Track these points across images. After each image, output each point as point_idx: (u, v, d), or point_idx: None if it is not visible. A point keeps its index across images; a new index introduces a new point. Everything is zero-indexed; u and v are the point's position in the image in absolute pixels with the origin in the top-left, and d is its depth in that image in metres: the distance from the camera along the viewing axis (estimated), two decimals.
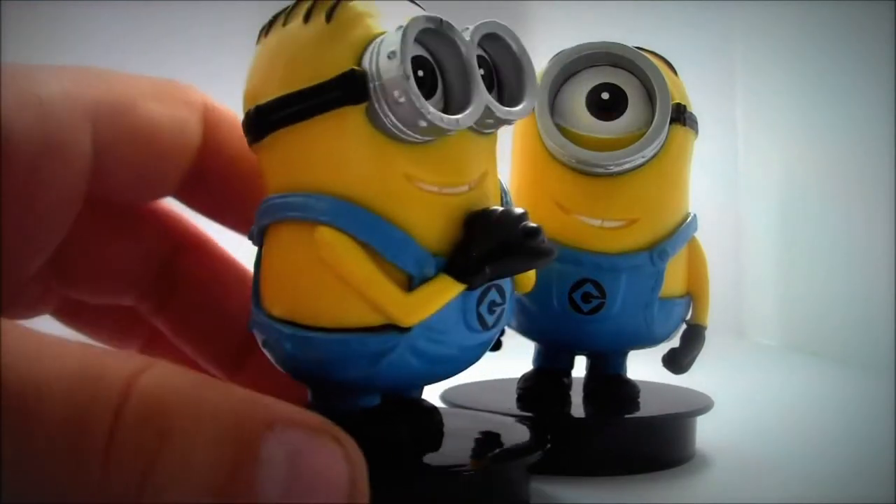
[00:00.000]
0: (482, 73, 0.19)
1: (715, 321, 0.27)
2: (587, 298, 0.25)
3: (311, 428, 0.15)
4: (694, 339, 0.27)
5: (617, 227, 0.25)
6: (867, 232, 0.46)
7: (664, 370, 0.27)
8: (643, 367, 0.28)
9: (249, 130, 0.20)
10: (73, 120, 0.19)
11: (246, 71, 0.20)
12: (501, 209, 0.19)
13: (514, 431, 0.22)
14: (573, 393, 0.28)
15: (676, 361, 0.27)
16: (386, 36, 0.18)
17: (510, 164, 0.27)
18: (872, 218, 0.46)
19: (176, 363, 0.25)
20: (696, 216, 0.27)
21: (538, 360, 0.28)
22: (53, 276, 0.22)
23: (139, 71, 0.22)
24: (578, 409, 0.26)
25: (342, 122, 0.18)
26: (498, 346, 0.21)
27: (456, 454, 0.20)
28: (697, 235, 0.27)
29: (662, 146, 0.25)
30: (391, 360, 0.18)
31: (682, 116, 0.26)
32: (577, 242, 0.25)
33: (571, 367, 0.28)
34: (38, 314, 0.23)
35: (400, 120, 0.18)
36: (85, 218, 0.22)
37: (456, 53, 0.19)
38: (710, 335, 0.27)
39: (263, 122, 0.19)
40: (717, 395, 0.27)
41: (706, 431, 0.27)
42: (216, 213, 0.24)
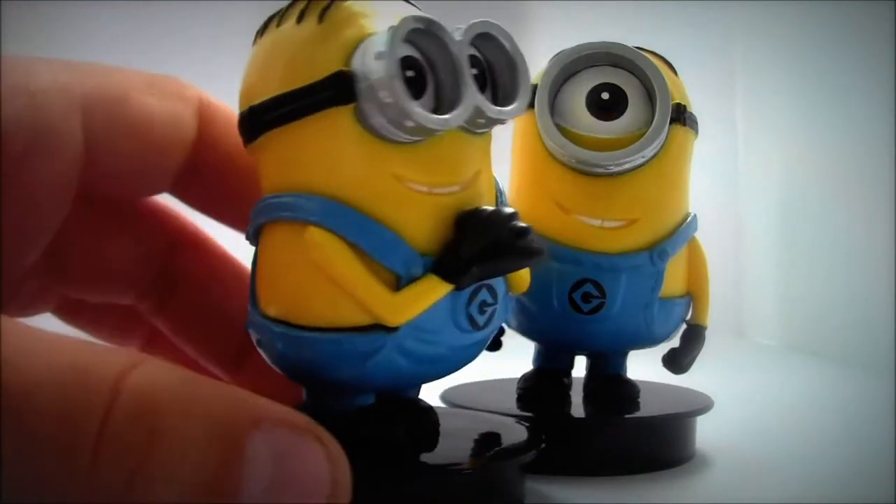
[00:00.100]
0: (475, 72, 0.19)
1: (715, 321, 0.27)
2: (587, 298, 0.25)
3: (296, 427, 0.15)
4: (694, 339, 0.27)
5: (617, 227, 0.25)
6: (867, 232, 0.46)
7: (664, 370, 0.27)
8: (643, 367, 0.28)
9: (243, 131, 0.20)
10: (63, 110, 0.19)
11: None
12: (492, 209, 0.19)
13: (510, 431, 0.22)
14: (573, 393, 0.28)
15: (676, 361, 0.27)
16: (375, 36, 0.18)
17: (510, 164, 0.27)
18: (872, 218, 0.46)
19: (176, 362, 0.25)
20: (696, 216, 0.27)
21: (538, 360, 0.28)
22: (51, 274, 0.22)
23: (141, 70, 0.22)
24: (578, 409, 0.26)
25: (331, 122, 0.18)
26: (498, 346, 0.21)
27: (451, 454, 0.20)
28: (697, 235, 0.27)
29: (662, 146, 0.25)
30: (379, 359, 0.18)
31: (682, 116, 0.26)
32: (577, 242, 0.25)
33: (571, 367, 0.28)
34: (37, 312, 0.23)
35: (388, 120, 0.18)
36: (82, 216, 0.22)
37: (446, 53, 0.19)
38: (710, 335, 0.27)
39: (256, 122, 0.19)
40: (717, 395, 0.27)
41: (706, 431, 0.27)
42: (213, 209, 0.24)
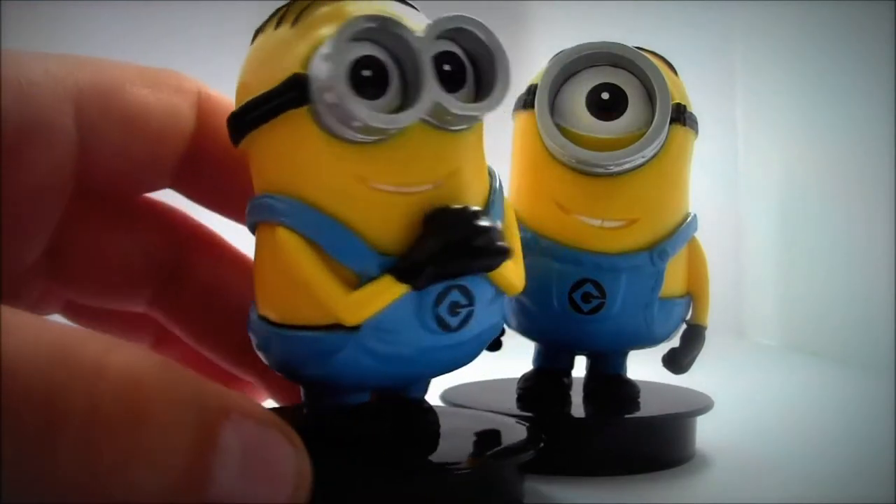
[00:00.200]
0: (448, 68, 0.19)
1: (715, 321, 0.27)
2: (587, 298, 0.25)
3: (261, 421, 0.15)
4: (694, 339, 0.27)
5: (617, 227, 0.25)
6: (867, 232, 0.46)
7: (664, 370, 0.27)
8: (643, 367, 0.28)
9: (230, 134, 0.20)
10: (54, 101, 0.19)
11: None
12: (458, 207, 0.19)
13: (510, 431, 0.22)
14: (573, 393, 0.28)
15: (676, 361, 0.27)
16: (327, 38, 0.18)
17: (510, 164, 0.27)
18: (872, 218, 0.46)
19: (187, 361, 0.25)
20: (696, 216, 0.27)
21: (538, 360, 0.28)
22: (55, 275, 0.22)
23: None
24: (578, 409, 0.26)
25: (293, 125, 0.18)
26: (498, 346, 0.21)
27: (449, 453, 0.20)
28: (697, 235, 0.27)
29: (662, 146, 0.25)
30: (343, 358, 0.18)
31: (682, 116, 0.25)
32: (577, 242, 0.25)
33: (571, 367, 0.28)
34: (44, 314, 0.23)
35: (337, 120, 0.18)
36: (84, 215, 0.22)
37: (409, 50, 0.18)
38: (710, 335, 0.27)
39: (237, 125, 0.19)
40: (717, 395, 0.27)
41: (706, 431, 0.27)
42: (216, 203, 0.24)
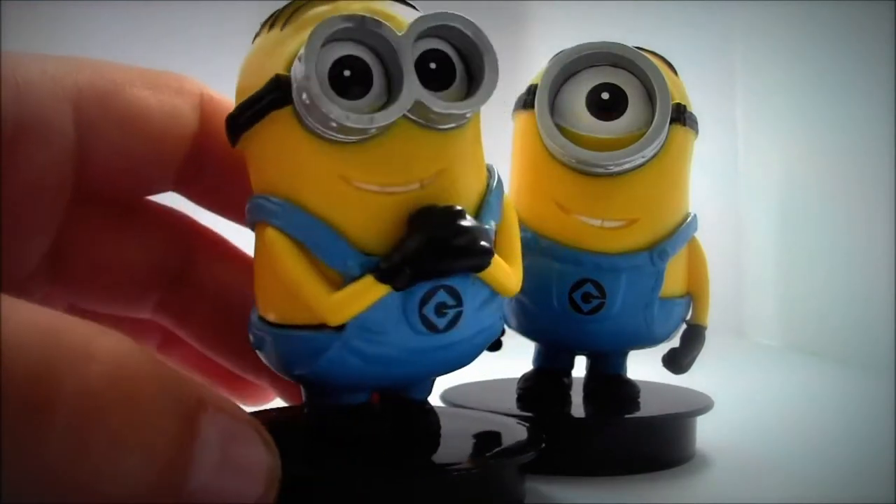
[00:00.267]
0: (434, 66, 0.19)
1: (715, 321, 0.27)
2: (587, 298, 0.25)
3: (236, 416, 0.15)
4: (694, 339, 0.27)
5: (617, 227, 0.25)
6: (867, 232, 0.46)
7: (664, 370, 0.27)
8: (643, 367, 0.28)
9: (227, 134, 0.20)
10: (52, 100, 0.19)
11: None
12: (441, 207, 0.18)
13: (510, 431, 0.22)
14: (573, 393, 0.28)
15: (676, 361, 0.27)
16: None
17: (510, 164, 0.27)
18: (872, 218, 0.46)
19: (195, 364, 0.25)
20: (696, 216, 0.27)
21: (538, 360, 0.28)
22: (59, 280, 0.22)
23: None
24: (578, 409, 0.26)
25: (278, 126, 0.18)
26: (498, 346, 0.21)
27: (450, 454, 0.20)
28: (697, 235, 0.27)
29: (662, 146, 0.25)
30: (330, 357, 0.19)
31: (682, 116, 0.25)
32: (577, 242, 0.25)
33: (571, 367, 0.28)
34: None
35: (316, 120, 0.18)
36: (87, 219, 0.21)
37: (391, 49, 0.18)
38: (710, 335, 0.27)
39: (233, 126, 0.20)
40: (717, 395, 0.27)
41: (706, 431, 0.27)
42: (221, 205, 0.24)
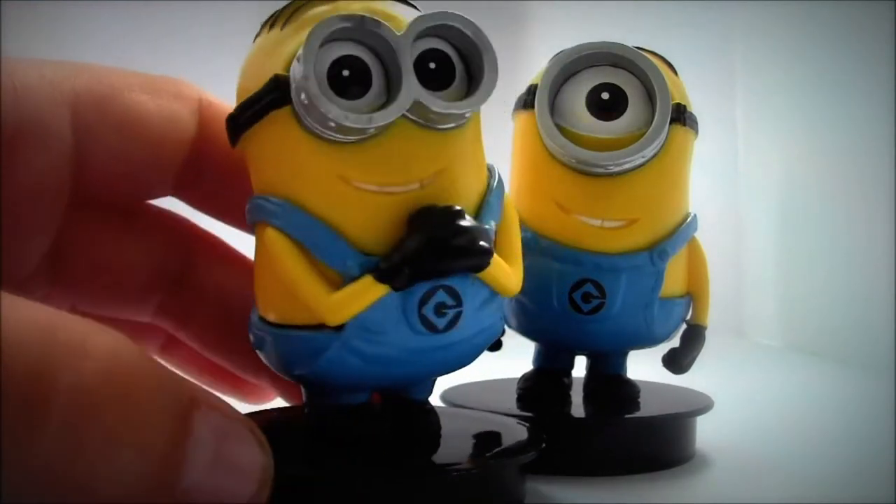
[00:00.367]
0: (433, 66, 0.19)
1: (715, 321, 0.27)
2: (587, 298, 0.25)
3: (229, 414, 0.15)
4: (694, 339, 0.27)
5: (617, 227, 0.25)
6: (867, 232, 0.46)
7: (664, 370, 0.27)
8: (643, 367, 0.28)
9: (227, 135, 0.20)
10: (49, 104, 0.19)
11: None
12: (441, 207, 0.18)
13: (510, 431, 0.22)
14: (573, 393, 0.28)
15: (676, 361, 0.27)
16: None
17: (510, 164, 0.27)
18: (872, 218, 0.46)
19: (196, 366, 0.25)
20: (696, 216, 0.27)
21: (538, 360, 0.28)
22: (57, 284, 0.22)
23: (139, 71, 0.22)
24: (578, 409, 0.26)
25: (277, 126, 0.18)
26: (498, 346, 0.21)
27: (450, 454, 0.20)
28: (697, 235, 0.27)
29: (662, 146, 0.25)
30: (330, 357, 0.19)
31: (682, 116, 0.26)
32: (577, 242, 0.25)
33: (571, 367, 0.28)
34: None
35: (314, 120, 0.18)
36: (86, 222, 0.21)
37: (389, 49, 0.18)
38: (710, 335, 0.27)
39: (233, 126, 0.20)
40: (717, 395, 0.27)
41: (706, 431, 0.27)
42: (220, 210, 0.24)
